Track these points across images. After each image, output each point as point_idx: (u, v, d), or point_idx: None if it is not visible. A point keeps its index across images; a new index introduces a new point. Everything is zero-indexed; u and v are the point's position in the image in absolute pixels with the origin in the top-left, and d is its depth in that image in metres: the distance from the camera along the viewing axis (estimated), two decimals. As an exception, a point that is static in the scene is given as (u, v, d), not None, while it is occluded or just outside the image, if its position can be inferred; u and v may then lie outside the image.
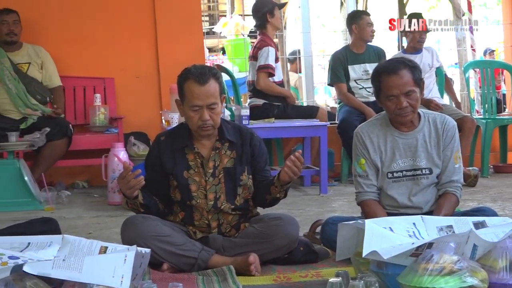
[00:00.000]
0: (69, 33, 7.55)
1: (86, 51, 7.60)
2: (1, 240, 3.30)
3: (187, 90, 3.82)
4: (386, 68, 3.98)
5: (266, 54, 6.97)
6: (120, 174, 3.77)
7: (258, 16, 7.23)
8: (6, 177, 5.86)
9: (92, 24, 7.61)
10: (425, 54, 7.59)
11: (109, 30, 7.64)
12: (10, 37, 7.00)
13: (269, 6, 7.15)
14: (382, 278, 3.09)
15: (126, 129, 7.23)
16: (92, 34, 7.62)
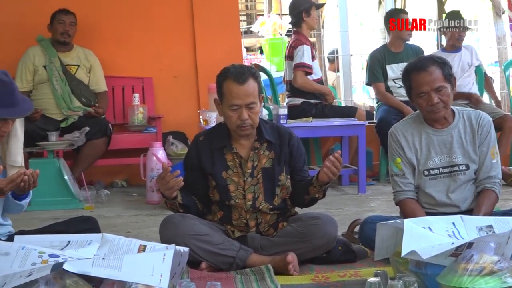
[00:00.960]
0: (108, 33, 7.60)
1: (125, 51, 7.65)
2: (42, 239, 3.32)
3: (226, 89, 3.82)
4: (415, 66, 3.96)
5: (301, 53, 6.95)
6: (159, 175, 3.78)
7: (294, 14, 7.21)
8: (47, 176, 5.90)
9: (130, 25, 7.65)
10: (464, 53, 7.52)
11: (147, 30, 7.68)
12: (64, 37, 7.05)
13: (306, 5, 7.13)
14: (421, 278, 3.07)
15: (164, 128, 7.26)
16: (131, 34, 7.66)
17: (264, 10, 13.93)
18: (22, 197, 3.79)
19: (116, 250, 3.09)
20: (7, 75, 3.63)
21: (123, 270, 2.91)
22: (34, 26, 7.17)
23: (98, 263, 2.93)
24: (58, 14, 7.07)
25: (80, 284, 2.90)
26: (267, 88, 7.80)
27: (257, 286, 3.49)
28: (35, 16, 7.23)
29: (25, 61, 7.03)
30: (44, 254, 3.05)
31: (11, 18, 7.41)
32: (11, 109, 3.60)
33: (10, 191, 3.65)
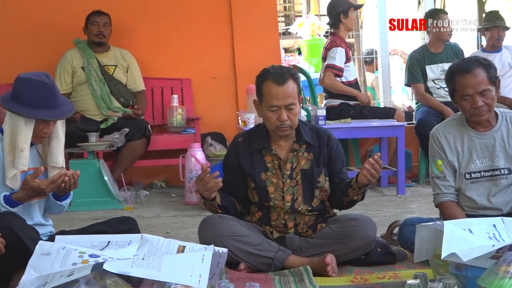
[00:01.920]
0: (148, 35, 7.65)
1: (164, 52, 7.68)
2: (82, 239, 3.35)
3: (265, 90, 3.82)
4: (460, 68, 3.90)
5: (333, 55, 6.92)
6: (198, 176, 3.79)
7: (331, 15, 7.19)
8: (87, 177, 5.95)
9: (170, 27, 7.68)
10: (504, 53, 7.44)
11: (186, 32, 7.71)
12: (99, 38, 7.11)
13: (344, 6, 7.10)
14: (461, 281, 3.04)
15: (203, 129, 7.28)
16: (170, 36, 7.69)
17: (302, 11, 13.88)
18: (63, 198, 3.84)
19: (156, 251, 3.11)
20: (48, 77, 3.67)
21: (163, 271, 2.92)
22: (72, 27, 7.24)
23: (138, 264, 2.95)
24: (92, 16, 7.13)
25: (120, 284, 2.92)
26: (306, 89, 7.78)
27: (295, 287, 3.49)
28: (72, 17, 7.29)
29: (63, 63, 7.10)
30: (84, 254, 3.08)
31: (48, 19, 7.49)
32: (53, 111, 3.64)
33: (51, 192, 3.70)
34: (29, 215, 3.74)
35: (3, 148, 3.64)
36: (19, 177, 3.63)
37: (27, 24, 7.48)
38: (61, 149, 3.81)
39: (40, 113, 3.60)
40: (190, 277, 2.91)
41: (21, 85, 3.61)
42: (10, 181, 3.63)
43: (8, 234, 3.42)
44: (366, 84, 9.54)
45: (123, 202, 6.19)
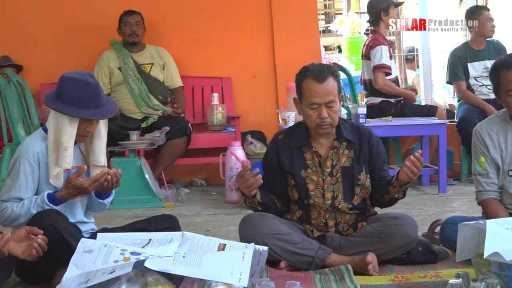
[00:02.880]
0: (188, 34, 7.68)
1: (204, 51, 7.71)
2: (124, 236, 3.38)
3: (305, 88, 3.82)
4: (504, 63, 3.86)
5: (379, 54, 6.87)
6: (239, 173, 3.80)
7: (372, 13, 7.15)
8: (128, 175, 5.98)
9: (210, 25, 7.71)
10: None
11: (226, 31, 7.73)
12: (132, 38, 7.16)
13: (384, 4, 7.06)
14: (504, 280, 3.01)
15: (243, 127, 7.30)
16: (210, 34, 7.72)
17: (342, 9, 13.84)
18: (105, 196, 3.87)
19: (196, 249, 3.12)
20: (92, 77, 3.70)
21: (203, 268, 2.94)
22: (110, 26, 7.30)
23: (179, 261, 2.97)
24: (124, 17, 7.18)
25: (161, 282, 2.94)
26: (346, 87, 7.75)
27: (336, 286, 3.48)
28: (110, 17, 7.34)
29: (100, 65, 7.17)
30: (126, 251, 3.11)
31: (87, 19, 7.57)
32: (97, 110, 3.67)
33: (93, 190, 3.73)
34: (72, 213, 3.78)
35: (47, 147, 3.69)
36: (62, 176, 3.67)
37: (67, 24, 7.57)
38: (103, 148, 3.84)
39: (84, 112, 3.63)
40: (230, 275, 2.92)
41: (66, 85, 3.65)
42: (53, 179, 3.67)
43: (51, 232, 3.46)
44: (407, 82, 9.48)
45: (164, 200, 6.23)
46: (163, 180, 6.37)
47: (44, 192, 3.65)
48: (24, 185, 3.65)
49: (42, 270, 3.58)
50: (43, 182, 3.70)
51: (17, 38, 7.50)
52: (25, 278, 3.70)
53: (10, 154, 5.82)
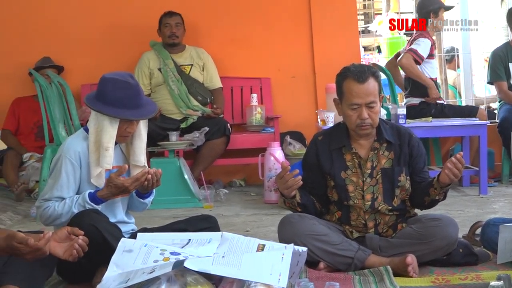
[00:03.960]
0: (227, 35, 7.70)
1: (243, 52, 7.72)
2: (163, 236, 3.40)
3: (346, 88, 3.80)
4: None
5: (419, 42, 6.88)
6: (278, 174, 3.80)
7: (421, 13, 7.13)
8: (167, 175, 5.99)
9: (249, 26, 7.72)
10: None
11: (265, 31, 7.73)
12: (172, 39, 7.20)
13: (435, 6, 7.04)
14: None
15: (282, 128, 7.30)
16: (249, 35, 7.73)
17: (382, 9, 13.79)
18: (146, 196, 3.90)
19: (236, 249, 3.13)
20: (132, 78, 3.73)
21: (243, 269, 2.94)
22: (150, 27, 7.34)
23: (218, 262, 2.98)
24: (164, 18, 7.22)
25: (200, 282, 2.95)
26: (385, 88, 7.71)
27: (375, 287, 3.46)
28: (150, 18, 7.39)
29: (141, 66, 7.22)
30: (165, 251, 3.12)
31: (127, 20, 7.63)
32: (137, 111, 3.70)
33: (134, 190, 3.76)
34: (113, 213, 3.82)
35: (88, 147, 3.72)
36: (103, 175, 3.71)
37: (107, 26, 7.64)
38: (143, 148, 3.87)
39: (125, 113, 3.66)
40: (270, 276, 2.92)
41: (106, 85, 3.68)
42: (95, 179, 3.71)
43: (91, 232, 3.48)
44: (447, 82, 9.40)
45: (203, 201, 6.25)
46: (202, 181, 6.39)
47: (86, 191, 3.68)
48: (65, 184, 3.69)
49: (83, 270, 3.61)
50: (85, 182, 3.74)
51: (58, 39, 7.58)
52: (66, 277, 3.74)
53: (51, 154, 5.88)
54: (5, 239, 2.85)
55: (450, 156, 3.90)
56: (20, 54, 7.50)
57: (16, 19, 7.62)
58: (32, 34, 7.59)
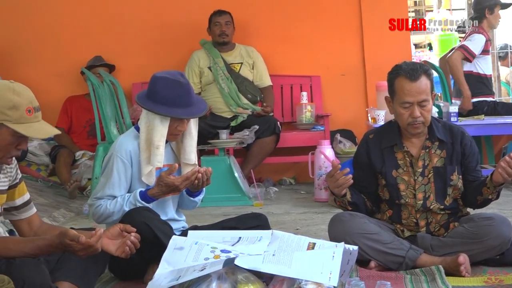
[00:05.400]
0: (277, 33, 7.70)
1: (293, 50, 7.72)
2: (214, 234, 3.41)
3: (397, 86, 3.78)
4: None
5: (473, 39, 6.83)
6: (329, 173, 3.78)
7: (476, 9, 7.07)
8: (218, 173, 6.02)
9: (299, 24, 7.71)
10: None
11: (315, 29, 7.71)
12: (222, 38, 7.22)
13: (491, 2, 6.97)
14: None
15: (332, 126, 7.26)
16: (299, 33, 7.72)
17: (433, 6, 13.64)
18: (196, 194, 3.91)
19: (286, 247, 3.12)
20: (183, 76, 3.75)
21: (293, 267, 2.94)
22: (200, 25, 7.37)
23: (269, 260, 2.97)
24: (214, 17, 7.24)
25: (251, 280, 2.95)
26: (437, 86, 7.64)
27: (427, 287, 3.43)
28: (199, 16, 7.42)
29: (191, 65, 7.26)
30: (216, 249, 3.13)
31: (176, 19, 7.67)
32: (187, 109, 3.71)
33: (184, 188, 3.78)
34: (164, 211, 3.84)
35: (139, 145, 3.75)
36: (154, 174, 3.73)
37: (157, 25, 7.70)
38: (194, 147, 3.89)
39: (175, 112, 3.68)
40: (320, 274, 2.91)
41: (157, 84, 3.71)
42: (145, 177, 3.74)
43: (143, 229, 3.51)
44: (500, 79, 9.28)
45: (253, 199, 6.26)
46: (252, 179, 6.40)
47: (137, 189, 3.72)
48: (117, 183, 3.73)
49: (135, 267, 3.64)
50: (136, 180, 3.77)
51: (110, 38, 7.66)
52: (118, 274, 3.77)
53: (103, 152, 5.94)
54: (58, 236, 2.89)
55: (503, 155, 3.85)
56: (72, 54, 7.59)
57: (68, 19, 7.72)
58: (84, 34, 7.68)
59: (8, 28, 7.68)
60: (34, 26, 7.68)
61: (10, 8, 7.71)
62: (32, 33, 7.68)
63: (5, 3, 7.72)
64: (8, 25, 7.68)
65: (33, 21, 7.68)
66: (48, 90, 7.55)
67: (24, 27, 7.68)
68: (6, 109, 2.89)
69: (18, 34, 7.69)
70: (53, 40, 7.69)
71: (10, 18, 7.69)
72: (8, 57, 7.64)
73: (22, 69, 7.53)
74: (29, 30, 7.68)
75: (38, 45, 7.69)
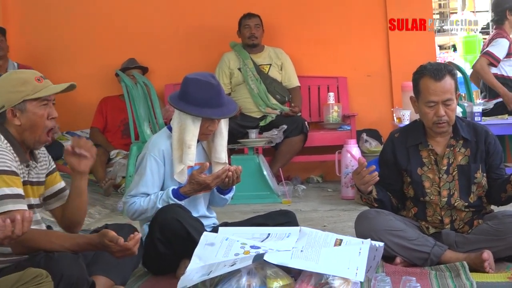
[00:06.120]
0: (305, 35, 7.69)
1: (320, 52, 7.70)
2: (244, 230, 3.42)
3: (422, 86, 3.76)
4: None
5: (495, 44, 6.74)
6: (355, 170, 3.78)
7: (497, 11, 6.99)
8: (247, 172, 5.99)
9: (326, 26, 7.69)
10: None
11: (342, 31, 7.69)
12: (252, 40, 7.23)
13: (510, 3, 6.89)
14: None
15: (358, 126, 7.24)
16: (326, 35, 7.70)
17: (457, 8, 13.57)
18: (226, 192, 3.93)
19: (314, 243, 3.12)
20: (214, 78, 3.76)
21: (321, 263, 2.93)
22: (229, 28, 7.39)
23: (297, 255, 2.98)
24: (243, 20, 7.25)
25: (280, 275, 2.95)
26: (461, 86, 7.59)
27: (452, 283, 3.41)
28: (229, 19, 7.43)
29: (221, 66, 7.27)
30: (246, 245, 3.13)
31: (207, 22, 7.69)
32: (218, 110, 3.73)
33: (215, 186, 3.79)
34: (195, 208, 3.86)
35: (171, 145, 3.77)
36: (186, 172, 3.75)
37: (189, 28, 7.72)
38: (224, 146, 3.90)
39: (207, 112, 3.69)
40: (347, 270, 2.91)
41: (189, 85, 3.73)
42: (178, 175, 3.76)
43: (175, 226, 3.55)
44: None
45: (282, 196, 6.26)
46: (281, 177, 6.40)
47: (169, 187, 3.74)
48: (150, 181, 3.76)
49: (167, 262, 3.67)
50: (168, 178, 3.79)
51: (143, 41, 7.70)
52: (151, 268, 3.80)
53: (137, 151, 5.98)
54: (98, 236, 2.91)
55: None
56: (107, 56, 7.65)
57: (104, 23, 7.77)
58: (118, 37, 7.73)
59: (47, 29, 7.77)
60: (72, 29, 7.75)
61: (50, 10, 7.79)
62: (70, 36, 7.76)
63: (46, 5, 7.79)
64: (47, 26, 7.77)
65: (71, 24, 7.75)
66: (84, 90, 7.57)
67: (62, 29, 7.76)
68: (19, 86, 3.00)
69: (56, 36, 7.76)
70: (89, 42, 7.75)
71: (49, 20, 7.77)
72: (46, 57, 7.73)
73: (60, 69, 7.60)
74: (67, 33, 7.76)
75: (75, 47, 7.76)
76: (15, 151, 3.00)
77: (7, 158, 2.93)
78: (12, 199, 2.85)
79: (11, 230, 2.52)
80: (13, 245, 2.87)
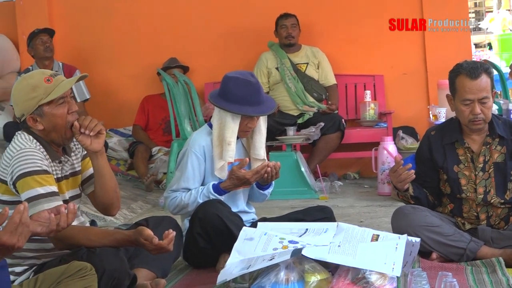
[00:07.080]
0: (342, 34, 7.66)
1: (356, 50, 7.67)
2: (282, 226, 3.41)
3: (459, 84, 3.72)
4: None
5: None
6: (392, 168, 3.76)
7: None
8: (285, 168, 5.99)
9: (362, 25, 7.65)
10: None
11: (378, 30, 7.63)
12: (288, 40, 7.22)
13: None
14: None
15: (395, 123, 7.20)
16: (362, 34, 7.66)
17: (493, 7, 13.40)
18: (266, 187, 3.93)
19: (351, 239, 3.11)
20: (253, 76, 3.77)
21: (358, 258, 2.92)
22: (267, 28, 7.38)
23: (334, 250, 2.97)
24: (280, 20, 7.24)
25: (317, 269, 2.95)
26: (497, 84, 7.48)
27: (488, 278, 3.37)
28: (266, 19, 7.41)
29: (259, 66, 7.28)
30: (284, 240, 3.13)
31: (246, 22, 7.70)
32: (257, 107, 3.73)
33: (255, 182, 3.80)
34: (235, 203, 3.87)
35: (212, 141, 3.78)
36: (226, 168, 3.76)
37: (228, 28, 7.74)
38: (263, 142, 3.90)
39: (246, 110, 3.70)
40: (384, 265, 2.89)
41: (229, 84, 3.73)
42: (218, 171, 3.77)
43: (215, 220, 3.56)
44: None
45: (319, 192, 6.25)
46: (318, 173, 6.39)
47: (210, 183, 3.75)
48: (191, 176, 3.77)
49: (207, 256, 3.69)
50: (209, 174, 3.81)
51: (184, 41, 7.74)
52: (192, 262, 3.82)
53: (178, 148, 6.00)
54: (135, 233, 2.93)
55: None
56: (149, 55, 7.70)
57: (145, 23, 7.82)
58: (160, 37, 7.78)
59: (91, 30, 7.86)
60: (115, 30, 7.82)
61: (93, 12, 7.87)
62: (113, 37, 7.83)
63: (90, 7, 7.87)
64: (91, 28, 7.86)
65: (114, 25, 7.82)
66: (127, 89, 7.70)
67: (106, 31, 7.83)
68: (31, 93, 2.96)
69: (100, 36, 7.85)
70: (132, 43, 7.81)
71: (93, 21, 7.85)
72: (90, 57, 7.81)
73: (103, 69, 7.69)
74: (110, 34, 7.83)
75: (119, 47, 7.83)
76: (45, 150, 3.00)
77: (37, 157, 2.92)
78: (45, 198, 2.85)
79: (56, 223, 2.52)
80: (55, 241, 2.89)
